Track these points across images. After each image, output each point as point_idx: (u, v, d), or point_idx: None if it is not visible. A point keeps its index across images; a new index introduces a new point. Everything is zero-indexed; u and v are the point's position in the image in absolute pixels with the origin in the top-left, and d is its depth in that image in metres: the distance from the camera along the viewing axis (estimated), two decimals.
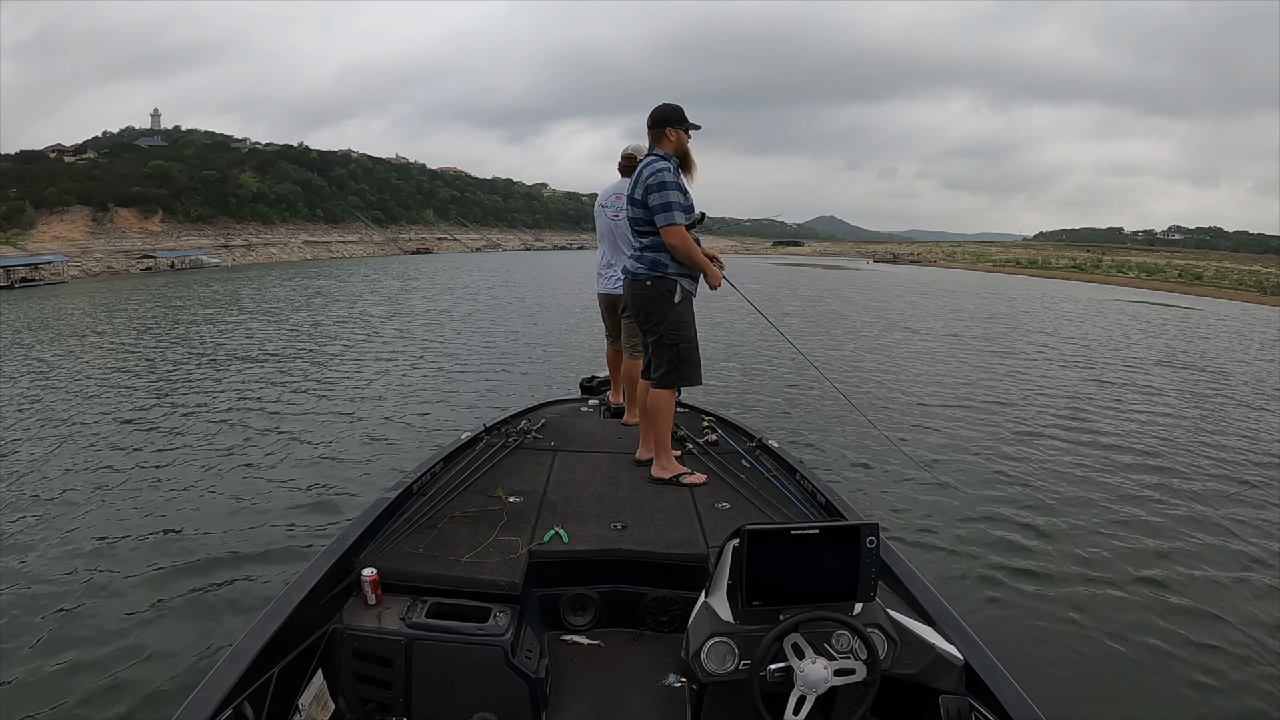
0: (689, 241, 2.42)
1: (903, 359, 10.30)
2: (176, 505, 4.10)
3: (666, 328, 2.50)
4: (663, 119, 2.45)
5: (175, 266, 41.59)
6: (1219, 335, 16.91)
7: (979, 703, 1.36)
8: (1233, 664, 2.74)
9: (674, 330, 2.50)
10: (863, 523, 1.41)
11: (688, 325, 2.53)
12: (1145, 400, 7.93)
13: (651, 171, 2.38)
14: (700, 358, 2.59)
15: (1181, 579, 3.44)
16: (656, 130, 2.46)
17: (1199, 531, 4.03)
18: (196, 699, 1.25)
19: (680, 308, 2.50)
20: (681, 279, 2.49)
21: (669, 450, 2.54)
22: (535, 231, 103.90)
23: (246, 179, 60.48)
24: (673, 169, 2.40)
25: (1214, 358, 12.25)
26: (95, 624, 2.83)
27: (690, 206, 2.45)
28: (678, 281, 2.48)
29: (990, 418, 6.65)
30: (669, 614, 1.93)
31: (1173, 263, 62.76)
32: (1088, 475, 4.99)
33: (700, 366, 2.59)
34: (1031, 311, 20.87)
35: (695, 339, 2.56)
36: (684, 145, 2.48)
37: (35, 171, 48.53)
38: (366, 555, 1.85)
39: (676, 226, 2.38)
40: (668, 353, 2.52)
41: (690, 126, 2.47)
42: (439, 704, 1.61)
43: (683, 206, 2.40)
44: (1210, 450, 5.85)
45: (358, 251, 63.83)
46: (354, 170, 78.78)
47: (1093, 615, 3.07)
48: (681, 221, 2.39)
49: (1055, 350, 11.91)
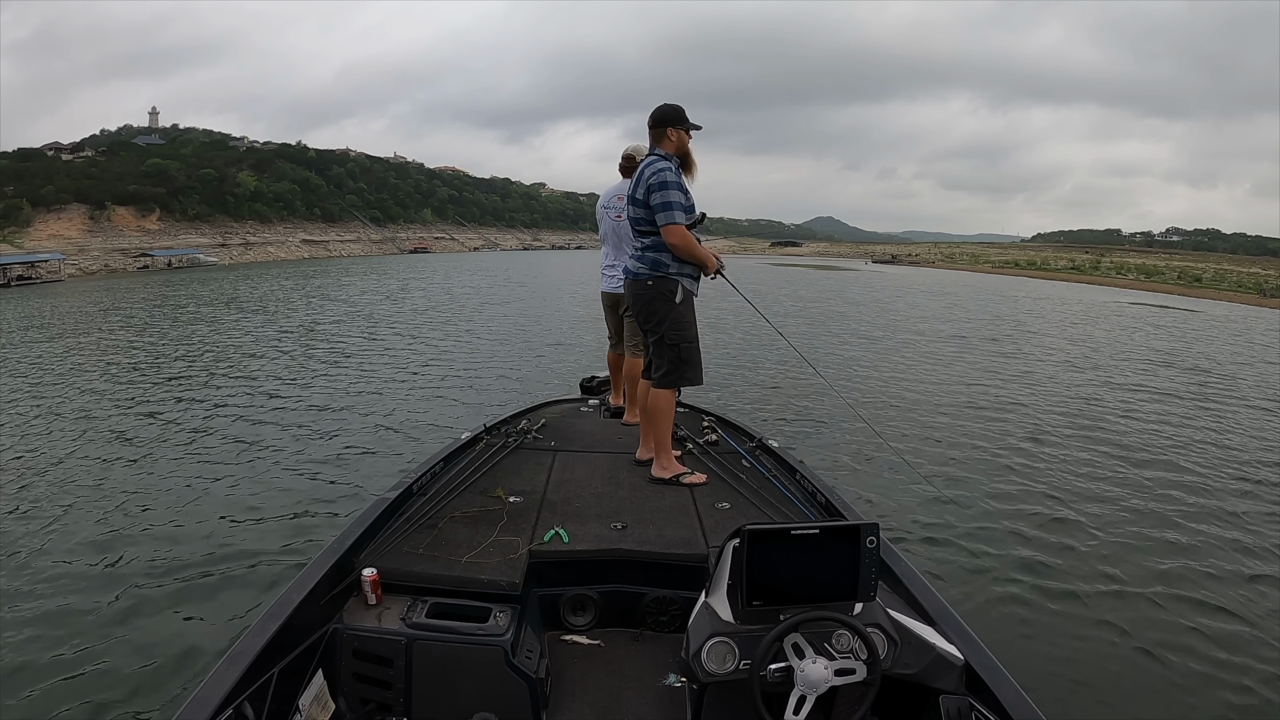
0: (690, 240, 2.42)
1: (909, 361, 10.13)
2: (175, 505, 4.09)
3: (667, 328, 2.51)
4: (664, 119, 2.45)
5: (172, 265, 41.53)
6: (1220, 337, 16.91)
7: (979, 703, 1.36)
8: (1234, 664, 2.74)
9: (675, 330, 2.51)
10: (863, 523, 1.41)
11: (689, 325, 2.54)
12: (1153, 402, 7.90)
13: (653, 171, 2.39)
14: (701, 357, 2.59)
15: (1184, 578, 3.45)
16: (658, 130, 2.47)
17: (1203, 530, 4.03)
18: (196, 699, 1.25)
19: (681, 308, 2.50)
20: (683, 279, 2.49)
21: (669, 450, 2.54)
22: (533, 231, 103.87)
23: (244, 178, 60.40)
24: (674, 169, 2.41)
25: (1217, 360, 12.25)
26: (94, 624, 2.82)
27: (691, 206, 2.46)
28: (679, 281, 2.48)
29: (996, 420, 6.63)
30: (669, 614, 1.93)
31: (1171, 264, 62.84)
32: (1092, 475, 5.00)
33: (701, 366, 2.59)
34: (1035, 312, 20.81)
35: (696, 339, 2.56)
36: (685, 145, 2.48)
37: (32, 169, 48.42)
38: (367, 555, 1.85)
39: (677, 226, 2.38)
40: (669, 352, 2.53)
41: (691, 127, 2.48)
42: (439, 704, 1.61)
43: (683, 206, 2.40)
44: (1219, 450, 5.85)
45: (355, 250, 63.78)
46: (352, 169, 78.72)
47: (1093, 615, 3.07)
48: (682, 221, 2.39)
49: (1061, 352, 11.82)
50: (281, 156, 70.75)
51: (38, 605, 2.96)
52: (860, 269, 53.67)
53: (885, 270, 52.03)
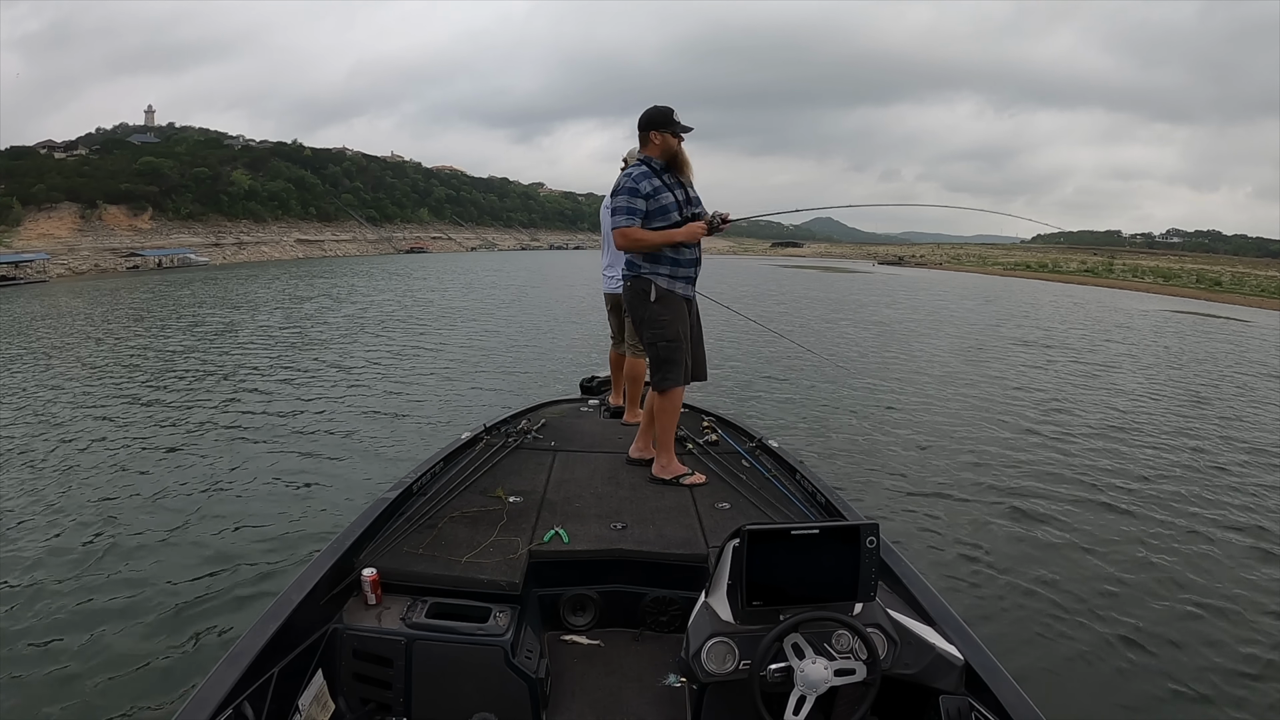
0: (636, 239, 2.40)
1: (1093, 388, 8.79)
2: (174, 506, 4.08)
3: (645, 327, 2.51)
4: (648, 123, 2.45)
5: (162, 265, 41.19)
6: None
7: (979, 703, 1.36)
8: (1236, 664, 2.76)
9: (651, 329, 2.50)
10: (863, 523, 1.41)
11: (665, 324, 2.48)
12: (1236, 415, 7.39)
13: (620, 179, 2.47)
14: (685, 357, 2.51)
15: (1186, 579, 3.47)
16: (642, 134, 2.47)
17: (1209, 535, 4.04)
18: (196, 699, 1.25)
19: (656, 306, 2.47)
20: (657, 277, 2.46)
21: (670, 450, 2.54)
22: (531, 231, 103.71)
23: (238, 176, 60.04)
24: (637, 174, 2.41)
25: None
26: (94, 624, 2.81)
27: (636, 210, 2.39)
28: (652, 281, 2.46)
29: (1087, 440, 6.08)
30: (669, 614, 1.93)
31: (1186, 267, 60.66)
32: (1107, 479, 4.93)
33: (682, 366, 2.51)
34: (1097, 320, 19.15)
35: (678, 338, 2.49)
36: (671, 147, 2.46)
37: (24, 168, 48.03)
38: (366, 555, 1.85)
39: (619, 229, 2.41)
40: (649, 352, 2.54)
41: (681, 129, 2.45)
42: (439, 704, 1.60)
43: (627, 209, 2.39)
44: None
45: (351, 250, 63.53)
46: (348, 168, 78.39)
47: (1094, 615, 3.09)
48: (623, 224, 2.39)
49: (1155, 373, 10.43)
50: (277, 155, 70.40)
51: (38, 605, 2.95)
52: (871, 270, 52.32)
53: (900, 273, 50.10)
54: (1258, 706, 2.53)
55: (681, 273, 2.49)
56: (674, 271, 2.47)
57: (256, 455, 5.05)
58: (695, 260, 2.53)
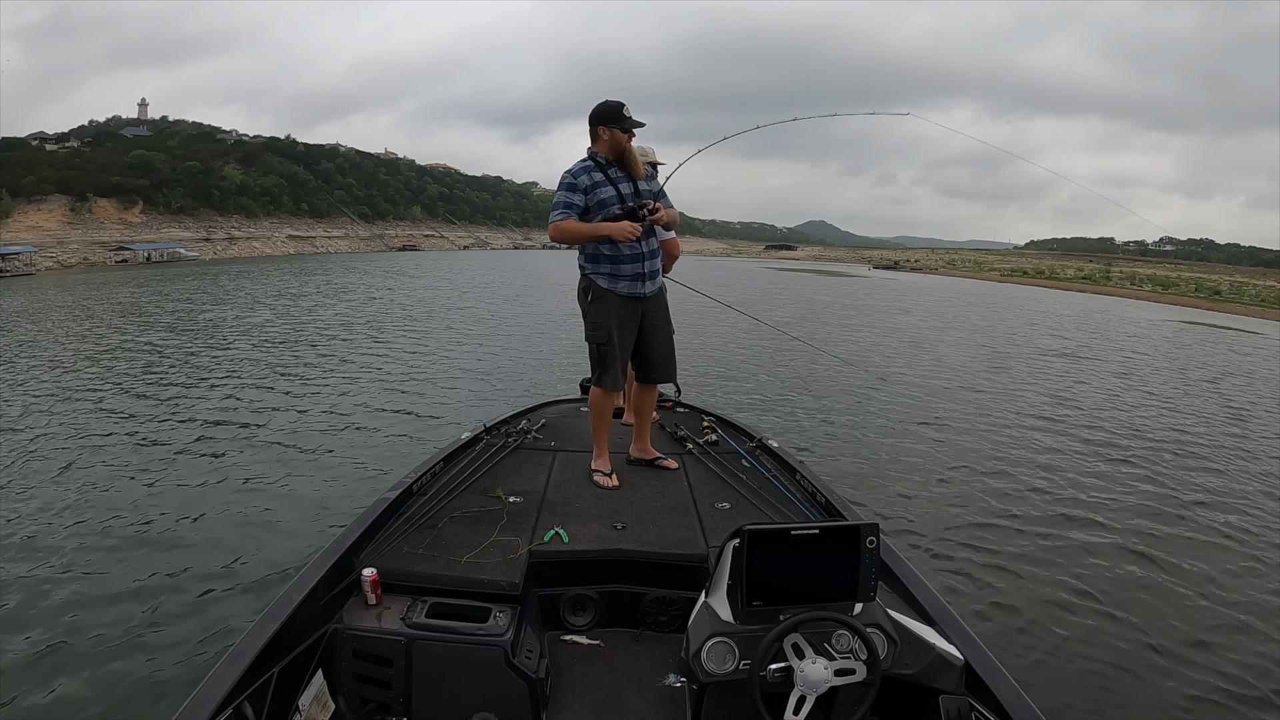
0: (562, 232, 2.39)
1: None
2: (174, 505, 4.03)
3: (585, 325, 2.54)
4: (597, 118, 2.42)
5: (151, 259, 40.81)
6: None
7: (979, 703, 1.37)
8: (1237, 665, 2.78)
9: (587, 328, 2.53)
10: (863, 523, 1.42)
11: (599, 326, 2.46)
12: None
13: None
14: (617, 360, 2.46)
15: (1186, 580, 3.49)
16: (592, 129, 2.45)
17: (1210, 528, 4.07)
18: (196, 699, 1.24)
19: (592, 306, 2.47)
20: (597, 277, 2.45)
21: (601, 446, 2.55)
22: (524, 230, 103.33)
23: (230, 171, 59.52)
24: (576, 169, 2.40)
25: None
26: (93, 625, 2.78)
27: (572, 204, 2.37)
28: (592, 280, 2.47)
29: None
30: (669, 614, 1.94)
31: (1184, 275, 58.95)
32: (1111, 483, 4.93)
33: (615, 372, 2.46)
34: (1114, 331, 18.32)
35: (610, 341, 2.45)
36: (620, 143, 2.42)
37: (14, 159, 47.38)
38: (366, 555, 1.84)
39: (551, 222, 2.42)
40: (589, 349, 2.55)
41: (632, 124, 2.41)
42: (439, 704, 1.60)
43: (564, 204, 2.39)
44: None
45: (343, 247, 63.16)
46: (341, 164, 77.89)
47: (1094, 616, 3.10)
48: (557, 217, 2.40)
49: (1189, 387, 9.84)
50: (269, 150, 69.85)
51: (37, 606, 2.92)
52: (868, 275, 51.49)
53: (897, 277, 49.17)
54: (1260, 706, 2.55)
55: (624, 270, 2.42)
56: (614, 270, 2.42)
57: (255, 455, 5.00)
58: (638, 258, 2.42)
